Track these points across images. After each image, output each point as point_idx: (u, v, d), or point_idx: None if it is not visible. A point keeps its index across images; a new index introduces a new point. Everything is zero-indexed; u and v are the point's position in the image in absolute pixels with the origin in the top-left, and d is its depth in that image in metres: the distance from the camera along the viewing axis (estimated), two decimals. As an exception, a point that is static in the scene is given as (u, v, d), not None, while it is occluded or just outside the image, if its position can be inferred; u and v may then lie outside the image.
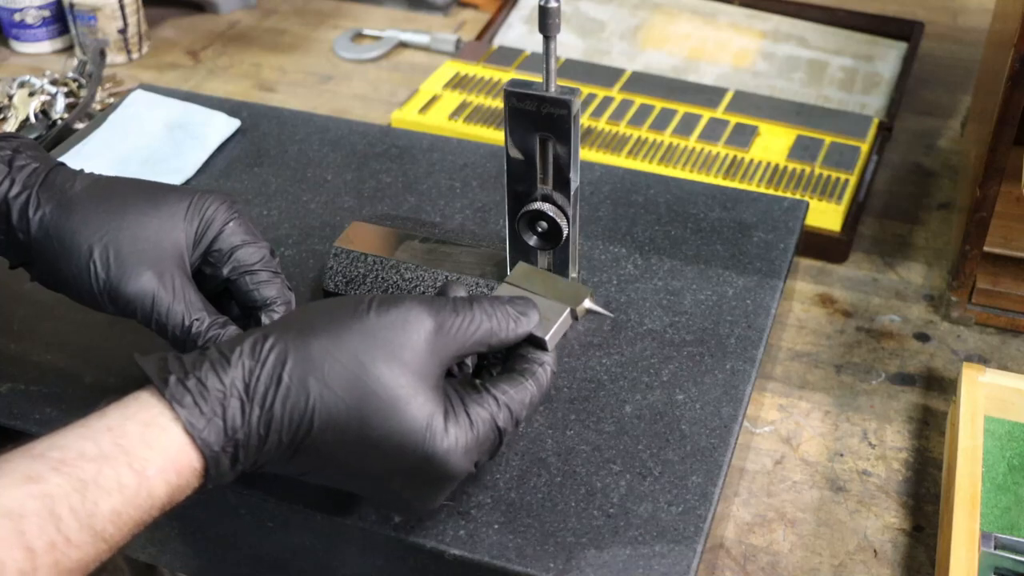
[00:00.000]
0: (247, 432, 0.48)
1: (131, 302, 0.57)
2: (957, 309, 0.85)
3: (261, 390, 0.48)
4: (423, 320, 0.51)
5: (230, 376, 0.48)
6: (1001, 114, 0.76)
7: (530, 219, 0.65)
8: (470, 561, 0.55)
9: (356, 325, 0.50)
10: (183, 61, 1.22)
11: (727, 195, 0.81)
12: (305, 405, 0.48)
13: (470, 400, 0.52)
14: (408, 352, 0.50)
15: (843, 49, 1.17)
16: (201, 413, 0.47)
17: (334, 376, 0.48)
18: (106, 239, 0.57)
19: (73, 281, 0.58)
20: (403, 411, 0.49)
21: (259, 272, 0.60)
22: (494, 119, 1.04)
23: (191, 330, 0.57)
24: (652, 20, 1.24)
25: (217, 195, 0.61)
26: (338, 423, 0.49)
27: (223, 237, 0.60)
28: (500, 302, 0.54)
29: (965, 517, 0.64)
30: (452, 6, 1.32)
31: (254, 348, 0.49)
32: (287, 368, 0.48)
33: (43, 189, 0.58)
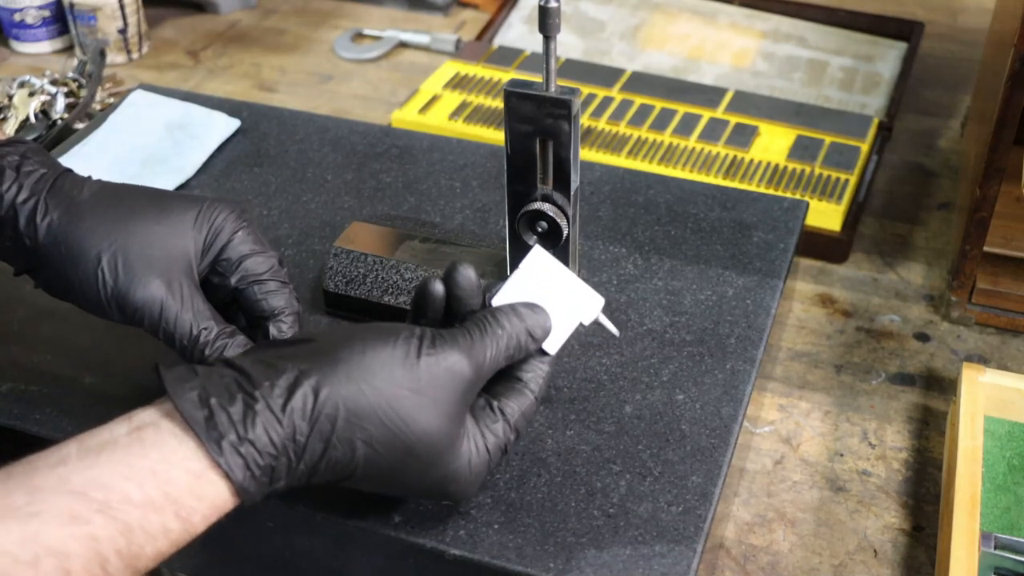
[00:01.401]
0: (289, 482, 0.48)
1: (139, 310, 0.57)
2: (957, 309, 0.85)
3: (309, 452, 0.48)
4: (465, 372, 0.51)
5: (281, 437, 0.47)
6: (1001, 114, 0.76)
7: (530, 219, 0.65)
8: (470, 561, 0.55)
9: (406, 380, 0.49)
10: (183, 61, 1.22)
11: (727, 195, 0.81)
12: (349, 462, 0.49)
13: (488, 430, 0.53)
14: (450, 407, 0.50)
15: (843, 49, 1.17)
16: (252, 478, 0.46)
17: (380, 438, 0.49)
18: (114, 246, 0.57)
19: (80, 288, 0.57)
20: (439, 463, 0.51)
21: (267, 282, 0.60)
22: (494, 119, 1.04)
23: (199, 339, 0.57)
24: (652, 20, 1.24)
25: (227, 203, 0.60)
26: (377, 475, 0.50)
27: (232, 246, 0.60)
28: (521, 319, 0.54)
29: (965, 517, 0.64)
30: (452, 6, 1.32)
31: (305, 407, 0.47)
32: (337, 431, 0.48)
33: (51, 195, 0.58)
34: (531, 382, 0.55)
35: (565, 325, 0.57)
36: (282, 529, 0.60)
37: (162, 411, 0.47)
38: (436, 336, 0.51)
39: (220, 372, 0.48)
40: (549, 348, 0.56)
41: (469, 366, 0.51)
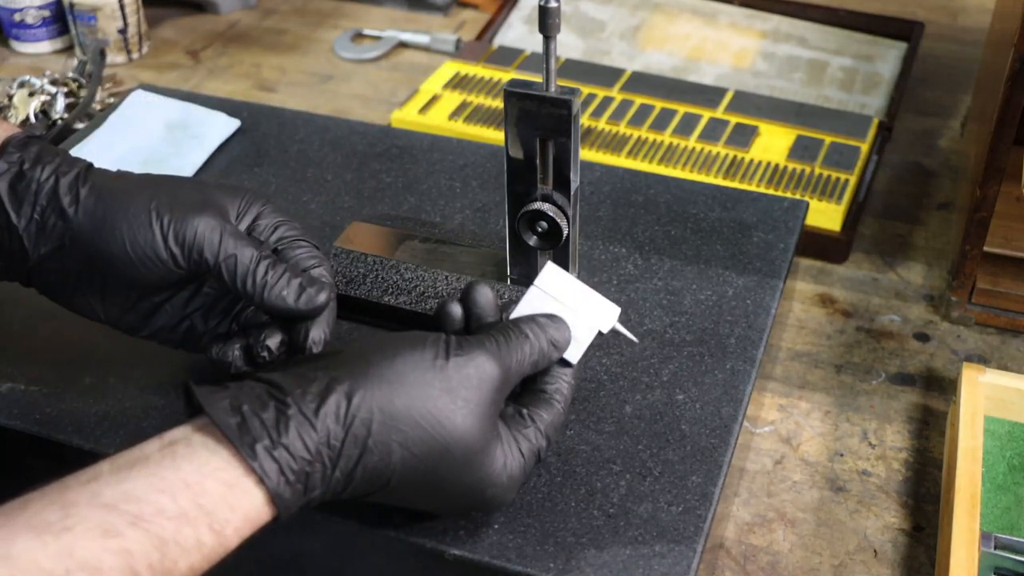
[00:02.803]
0: (324, 490, 0.48)
1: (198, 237, 0.55)
2: (957, 309, 0.85)
3: (344, 458, 0.48)
4: (494, 372, 0.51)
5: (315, 442, 0.47)
6: (1001, 114, 0.76)
7: (530, 219, 0.65)
8: (470, 561, 0.55)
9: (436, 380, 0.50)
10: (183, 61, 1.22)
11: (727, 195, 0.81)
12: (386, 468, 0.49)
13: (520, 435, 0.53)
14: (483, 407, 0.51)
15: (843, 49, 1.17)
16: (287, 483, 0.46)
17: (416, 440, 0.49)
18: (163, 192, 0.57)
19: (125, 233, 0.56)
20: (475, 465, 0.51)
21: (301, 243, 0.60)
22: (494, 119, 1.04)
23: (259, 265, 0.56)
24: (652, 20, 1.24)
25: (255, 191, 0.61)
26: (414, 480, 0.50)
27: (264, 214, 0.60)
28: (542, 329, 0.55)
29: (965, 517, 0.64)
30: (452, 6, 1.32)
31: (339, 411, 0.47)
32: (372, 435, 0.48)
33: (91, 170, 0.59)
34: (556, 392, 0.55)
35: (584, 335, 0.57)
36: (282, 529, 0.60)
37: (194, 426, 0.47)
38: (463, 340, 0.52)
39: (251, 384, 0.48)
40: (571, 358, 0.56)
41: (497, 367, 0.52)
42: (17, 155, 0.57)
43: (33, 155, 0.58)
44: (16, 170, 0.57)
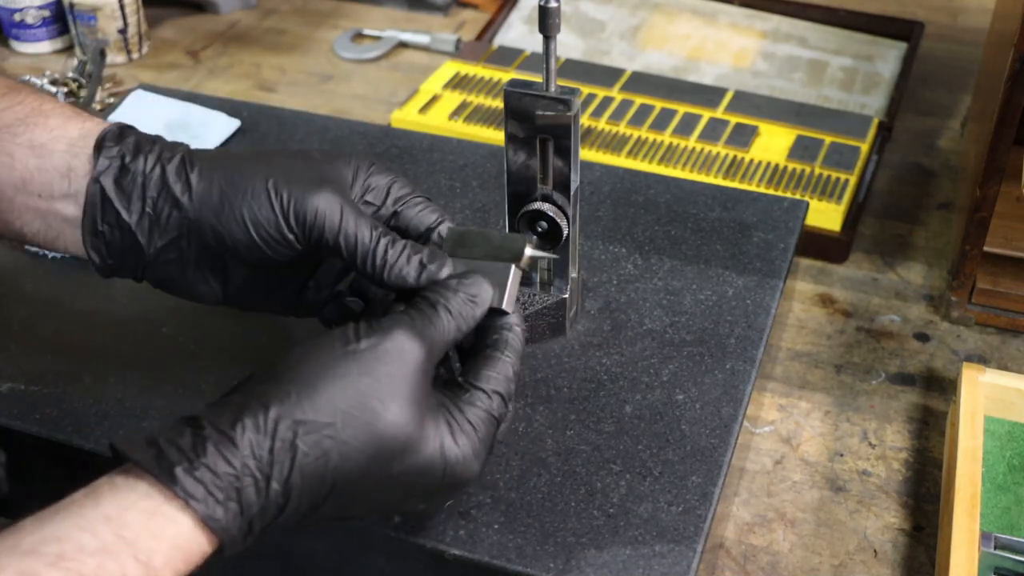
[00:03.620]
0: (264, 506, 0.46)
1: (318, 215, 0.54)
2: (957, 309, 0.85)
3: (277, 465, 0.46)
4: (412, 345, 0.49)
5: (239, 457, 0.45)
6: (1001, 114, 0.76)
7: (530, 219, 0.65)
8: (470, 561, 0.55)
9: (353, 365, 0.48)
10: (183, 61, 1.22)
11: (727, 195, 0.81)
12: (324, 467, 0.47)
13: (464, 404, 0.51)
14: (408, 386, 0.49)
15: (843, 49, 1.17)
16: (217, 502, 0.44)
17: (348, 430, 0.47)
18: (277, 169, 0.55)
19: (246, 215, 0.54)
20: (417, 446, 0.49)
21: (417, 200, 0.59)
22: (494, 119, 1.04)
23: (379, 243, 0.54)
24: (652, 20, 1.24)
25: (356, 152, 0.60)
26: (357, 474, 0.48)
27: (373, 178, 0.58)
28: (453, 292, 0.53)
29: (965, 517, 0.64)
30: (452, 6, 1.32)
31: (257, 421, 0.46)
32: (299, 436, 0.46)
33: (193, 153, 0.57)
34: (498, 344, 0.53)
35: (504, 279, 0.55)
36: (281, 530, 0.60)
37: (118, 471, 0.45)
38: (371, 322, 0.50)
39: (169, 423, 0.47)
40: (502, 306, 0.54)
41: (415, 338, 0.50)
42: (116, 148, 0.56)
43: (132, 146, 0.56)
44: (118, 164, 0.55)
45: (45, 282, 0.73)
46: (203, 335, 0.69)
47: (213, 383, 0.65)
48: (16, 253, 0.76)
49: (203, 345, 0.68)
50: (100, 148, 0.56)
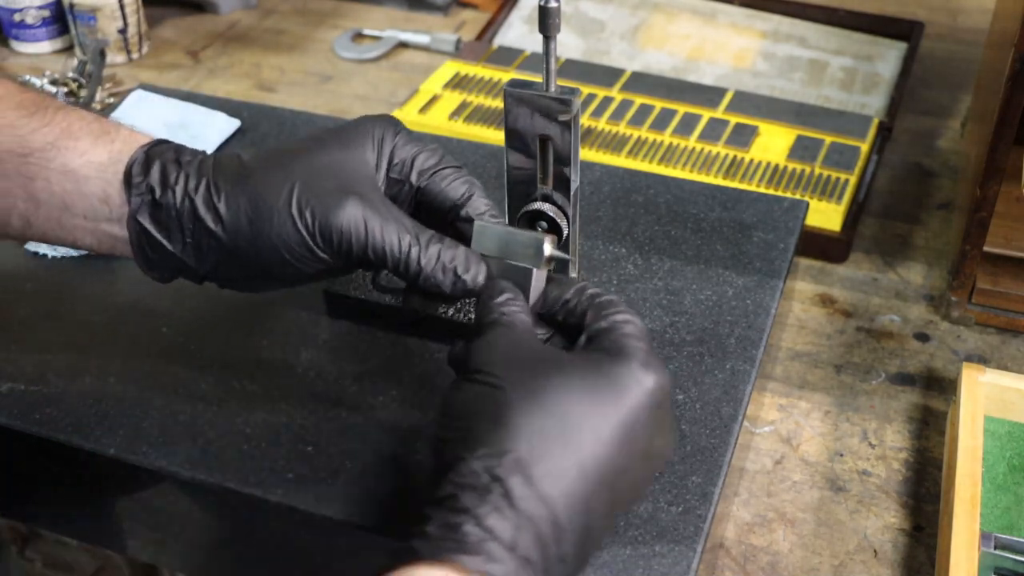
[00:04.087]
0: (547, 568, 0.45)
1: (344, 233, 0.54)
2: (957, 309, 0.85)
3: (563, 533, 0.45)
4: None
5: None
6: (1001, 114, 0.76)
7: (530, 219, 0.65)
8: (470, 561, 0.55)
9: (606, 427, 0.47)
10: (183, 61, 1.22)
11: (727, 195, 0.81)
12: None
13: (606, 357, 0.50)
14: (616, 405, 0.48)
15: (843, 49, 1.17)
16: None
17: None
18: (299, 183, 0.55)
19: (277, 239, 0.55)
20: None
21: (444, 171, 0.59)
22: (494, 119, 1.04)
23: (410, 251, 0.55)
24: (652, 20, 1.24)
25: (375, 117, 0.59)
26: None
27: (399, 149, 0.58)
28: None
29: (965, 517, 0.64)
30: (452, 6, 1.32)
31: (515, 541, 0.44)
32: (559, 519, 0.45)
33: (217, 173, 0.56)
34: (619, 335, 0.51)
35: (526, 280, 0.56)
36: (281, 529, 0.60)
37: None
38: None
39: (427, 513, 0.46)
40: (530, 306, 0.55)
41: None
42: (144, 182, 0.56)
43: (158, 177, 0.56)
44: (150, 199, 0.56)
45: (45, 282, 0.73)
46: (203, 335, 0.69)
47: (213, 383, 0.65)
48: (16, 253, 0.76)
49: (203, 345, 0.68)
50: (129, 180, 0.56)
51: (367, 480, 0.59)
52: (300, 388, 0.65)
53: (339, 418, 0.63)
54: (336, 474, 0.59)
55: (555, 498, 0.45)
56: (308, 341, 0.68)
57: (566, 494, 0.45)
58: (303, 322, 0.69)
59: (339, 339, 0.68)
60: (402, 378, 0.66)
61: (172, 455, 0.61)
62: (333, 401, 0.64)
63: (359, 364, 0.66)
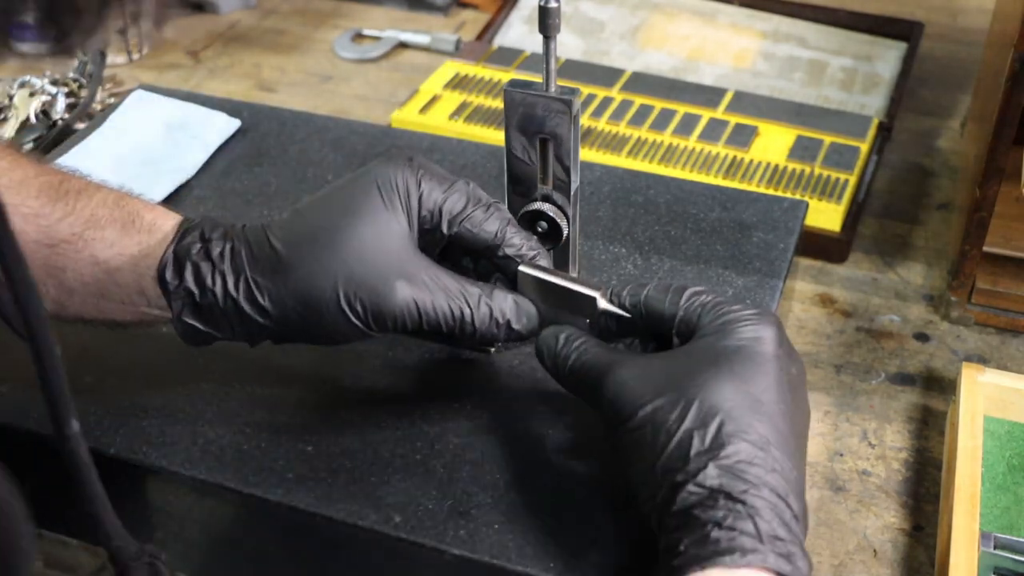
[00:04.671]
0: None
1: (398, 318, 0.55)
2: (957, 309, 0.85)
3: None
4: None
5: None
6: (1001, 114, 0.76)
7: (530, 219, 0.65)
8: (470, 561, 0.55)
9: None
10: (183, 61, 1.22)
11: (727, 195, 0.81)
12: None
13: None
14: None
15: (843, 49, 1.17)
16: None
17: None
18: (341, 276, 0.55)
19: (329, 331, 0.56)
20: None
21: (472, 214, 0.58)
22: (494, 119, 1.04)
23: (463, 316, 0.56)
24: (652, 20, 1.24)
25: (392, 164, 0.58)
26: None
27: (425, 199, 0.58)
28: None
29: (965, 517, 0.64)
30: (452, 6, 1.32)
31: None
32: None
33: (254, 269, 0.56)
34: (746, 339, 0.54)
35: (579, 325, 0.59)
36: (282, 529, 0.60)
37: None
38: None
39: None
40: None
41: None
42: (180, 287, 0.57)
43: (193, 279, 0.56)
44: (191, 302, 0.57)
45: (45, 282, 0.73)
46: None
47: (213, 383, 0.65)
48: (16, 253, 0.76)
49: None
50: (164, 283, 0.57)
51: (367, 480, 0.59)
52: (301, 388, 0.65)
53: (339, 418, 0.63)
54: (336, 474, 0.59)
55: (770, 482, 0.48)
56: (308, 341, 0.68)
57: (776, 471, 0.48)
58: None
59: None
60: (402, 378, 0.66)
61: (172, 455, 0.61)
62: (333, 401, 0.64)
63: (359, 364, 0.66)
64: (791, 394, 0.51)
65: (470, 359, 0.67)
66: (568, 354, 0.56)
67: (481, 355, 0.67)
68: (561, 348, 0.56)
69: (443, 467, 0.60)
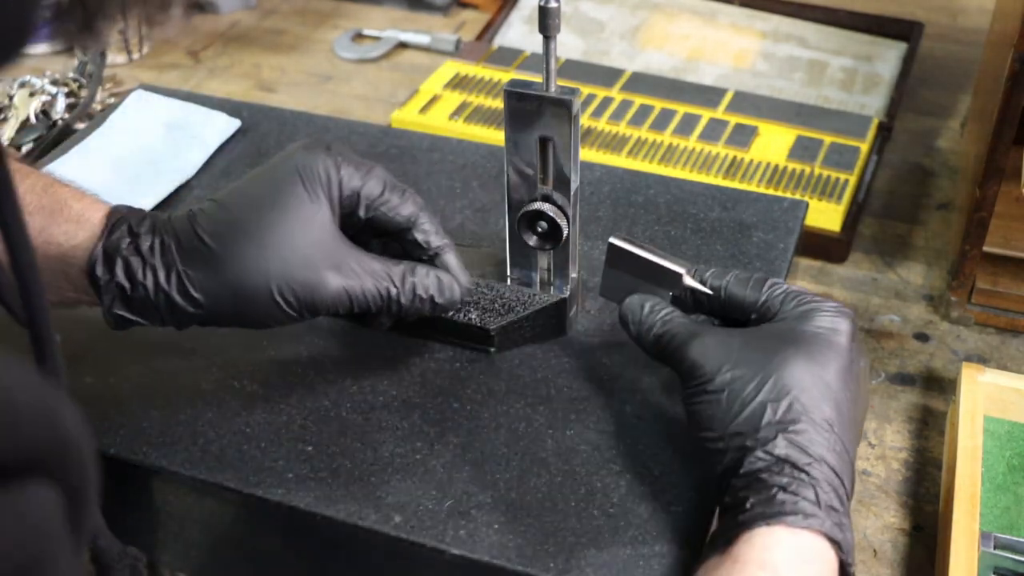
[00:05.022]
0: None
1: (330, 305, 0.58)
2: (957, 309, 0.85)
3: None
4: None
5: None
6: (1001, 114, 0.76)
7: (530, 219, 0.65)
8: (470, 561, 0.55)
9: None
10: (183, 61, 1.22)
11: (727, 195, 0.81)
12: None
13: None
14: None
15: (843, 49, 1.17)
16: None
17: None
18: (273, 272, 0.57)
19: (262, 318, 0.58)
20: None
21: (387, 199, 0.61)
22: (494, 119, 1.04)
23: (389, 295, 0.60)
24: (652, 20, 1.24)
25: (310, 153, 0.60)
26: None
27: (344, 185, 0.60)
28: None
29: (965, 517, 0.64)
30: (452, 6, 1.32)
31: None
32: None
33: (184, 262, 0.57)
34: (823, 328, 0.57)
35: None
36: (282, 529, 0.60)
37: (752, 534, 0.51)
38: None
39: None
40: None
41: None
42: (112, 282, 0.58)
43: (124, 274, 0.58)
44: (121, 295, 0.58)
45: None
46: (203, 335, 0.69)
47: (213, 383, 0.65)
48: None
49: (203, 345, 0.68)
50: (94, 278, 0.58)
51: (367, 480, 0.59)
52: (300, 388, 0.65)
53: (339, 418, 0.63)
54: (336, 474, 0.59)
55: (828, 454, 0.52)
56: (308, 341, 0.68)
57: (835, 451, 0.52)
58: (303, 322, 0.69)
59: (339, 339, 0.68)
60: (402, 378, 0.66)
61: (172, 455, 0.61)
62: (333, 401, 0.64)
63: (359, 364, 0.66)
64: (857, 384, 0.55)
65: (470, 359, 0.67)
66: (653, 322, 0.59)
67: (481, 355, 0.67)
68: (647, 315, 0.60)
69: (443, 467, 0.60)
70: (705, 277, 0.61)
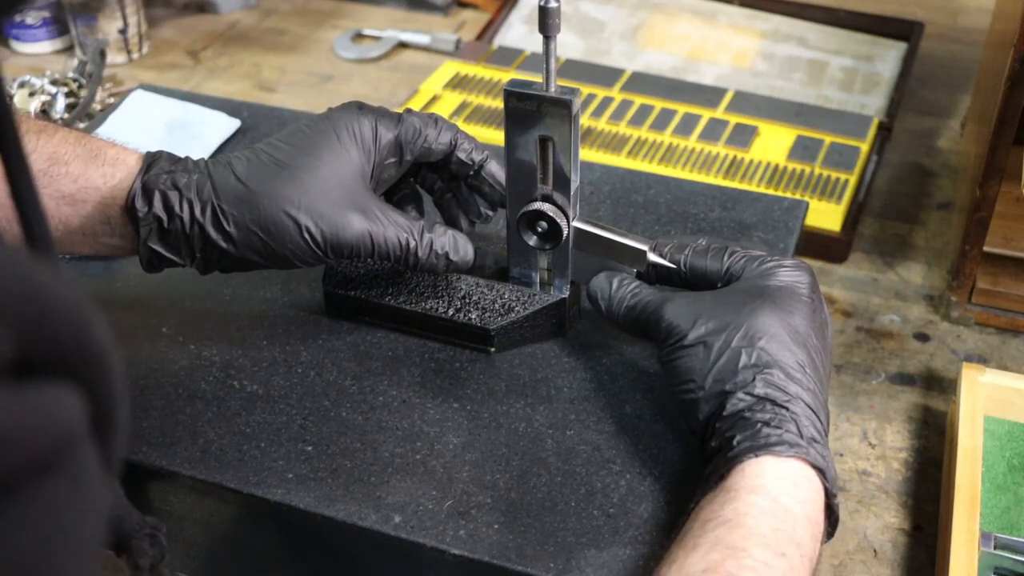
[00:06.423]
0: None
1: (353, 247, 0.61)
2: (957, 309, 0.85)
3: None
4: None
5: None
6: (1001, 114, 0.76)
7: (530, 219, 0.65)
8: (470, 561, 0.55)
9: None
10: (183, 61, 1.22)
11: (727, 195, 0.81)
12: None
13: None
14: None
15: (843, 49, 1.17)
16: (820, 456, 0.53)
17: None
18: (303, 207, 0.60)
19: (288, 254, 0.61)
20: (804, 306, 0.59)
21: (426, 133, 0.64)
22: (494, 119, 1.04)
23: (408, 246, 0.62)
24: (652, 20, 1.24)
25: (350, 111, 0.63)
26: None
27: (380, 137, 0.63)
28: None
29: (965, 517, 0.64)
30: (452, 6, 1.32)
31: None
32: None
33: (220, 197, 0.60)
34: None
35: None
36: (282, 529, 0.60)
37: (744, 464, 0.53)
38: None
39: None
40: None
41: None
42: (149, 214, 0.60)
43: (162, 206, 0.60)
44: (157, 227, 0.60)
45: (45, 282, 0.73)
46: (203, 335, 0.69)
47: (213, 383, 0.65)
48: (16, 253, 0.76)
49: (203, 345, 0.68)
50: (133, 211, 0.60)
51: (367, 480, 0.59)
52: (300, 388, 0.65)
53: (339, 418, 0.63)
54: (336, 474, 0.59)
55: (804, 393, 0.54)
56: (308, 341, 0.68)
57: (810, 390, 0.55)
58: (303, 322, 0.69)
59: (339, 339, 0.68)
60: (402, 378, 0.66)
61: (172, 455, 0.61)
62: (333, 401, 0.64)
63: (359, 364, 0.66)
64: (821, 332, 0.58)
65: (470, 359, 0.67)
66: (624, 295, 0.62)
67: (481, 355, 0.67)
68: (616, 290, 0.62)
69: (443, 467, 0.60)
70: (666, 251, 0.63)
